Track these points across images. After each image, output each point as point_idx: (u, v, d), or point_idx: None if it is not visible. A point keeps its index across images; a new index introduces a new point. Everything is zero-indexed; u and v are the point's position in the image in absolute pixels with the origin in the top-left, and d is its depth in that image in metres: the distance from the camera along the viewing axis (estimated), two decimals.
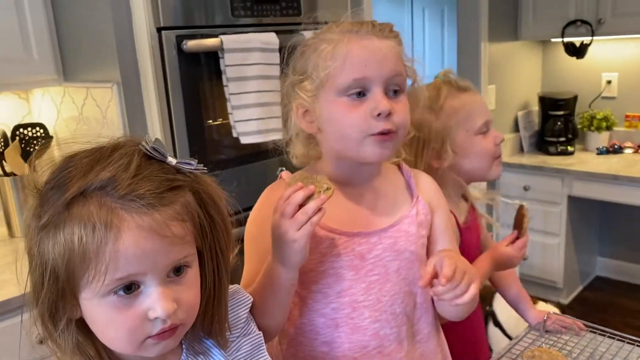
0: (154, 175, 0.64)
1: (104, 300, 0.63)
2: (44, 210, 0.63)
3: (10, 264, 1.72)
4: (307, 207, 0.82)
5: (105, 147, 0.66)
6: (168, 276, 0.66)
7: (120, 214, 0.62)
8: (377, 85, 0.91)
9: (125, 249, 0.61)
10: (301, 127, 0.99)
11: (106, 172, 0.62)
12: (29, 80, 1.89)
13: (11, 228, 1.95)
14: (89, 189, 0.62)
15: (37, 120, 2.04)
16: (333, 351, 0.97)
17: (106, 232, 0.61)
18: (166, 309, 0.64)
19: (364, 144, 0.92)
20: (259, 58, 1.86)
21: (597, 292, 3.44)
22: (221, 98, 1.86)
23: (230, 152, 1.97)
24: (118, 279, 0.62)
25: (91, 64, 1.84)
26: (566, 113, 3.29)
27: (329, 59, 0.92)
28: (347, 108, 0.92)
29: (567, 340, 1.25)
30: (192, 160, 0.69)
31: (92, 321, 0.66)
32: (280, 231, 0.83)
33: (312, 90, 0.95)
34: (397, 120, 0.92)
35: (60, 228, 0.62)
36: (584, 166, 3.03)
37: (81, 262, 0.61)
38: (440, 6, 4.68)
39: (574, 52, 3.15)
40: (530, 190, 3.19)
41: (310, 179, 0.87)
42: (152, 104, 1.75)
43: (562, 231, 3.14)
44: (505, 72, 3.28)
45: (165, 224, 0.63)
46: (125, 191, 0.62)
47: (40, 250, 0.64)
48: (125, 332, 0.64)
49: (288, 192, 0.84)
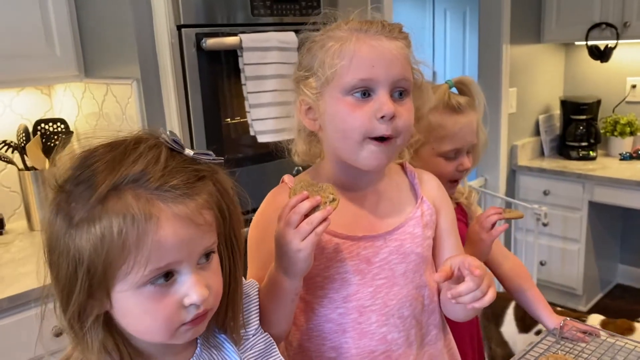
0: (181, 166, 0.66)
1: (139, 291, 0.64)
2: (73, 206, 0.64)
3: (29, 256, 1.75)
4: (313, 217, 0.81)
5: (128, 141, 0.67)
6: (198, 263, 0.67)
7: (158, 204, 0.63)
8: (383, 87, 0.90)
9: (165, 238, 0.63)
10: (304, 123, 0.97)
11: (137, 165, 0.64)
12: (51, 75, 1.91)
13: (31, 221, 1.98)
14: (121, 183, 0.63)
15: (59, 116, 2.07)
16: (341, 356, 0.97)
17: (146, 223, 0.62)
18: (202, 294, 0.66)
19: (362, 148, 0.91)
20: (277, 57, 1.86)
21: (617, 300, 3.37)
22: (239, 96, 1.87)
23: (247, 151, 1.98)
24: (157, 268, 0.63)
25: (112, 60, 1.86)
26: (589, 117, 3.23)
27: (336, 57, 0.90)
28: (351, 107, 0.90)
29: (584, 347, 1.23)
30: (209, 151, 0.70)
31: (126, 313, 0.66)
32: (285, 240, 0.82)
33: (317, 87, 0.93)
34: (399, 125, 0.90)
35: (94, 222, 0.62)
36: (606, 172, 2.98)
37: (119, 255, 0.62)
38: (462, 8, 4.64)
39: (598, 56, 3.10)
40: (550, 194, 3.14)
41: (315, 187, 0.86)
42: (171, 101, 1.76)
43: (583, 237, 3.09)
44: (526, 75, 3.24)
45: (198, 212, 0.66)
46: (158, 183, 0.63)
47: (71, 247, 0.63)
48: (162, 321, 0.66)
49: (293, 200, 0.83)
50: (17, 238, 1.91)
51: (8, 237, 1.92)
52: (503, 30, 2.99)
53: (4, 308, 1.46)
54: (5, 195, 2.03)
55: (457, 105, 1.23)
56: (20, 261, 1.70)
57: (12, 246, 1.84)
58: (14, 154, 1.94)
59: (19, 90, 2.05)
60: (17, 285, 1.52)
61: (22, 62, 1.80)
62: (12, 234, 1.95)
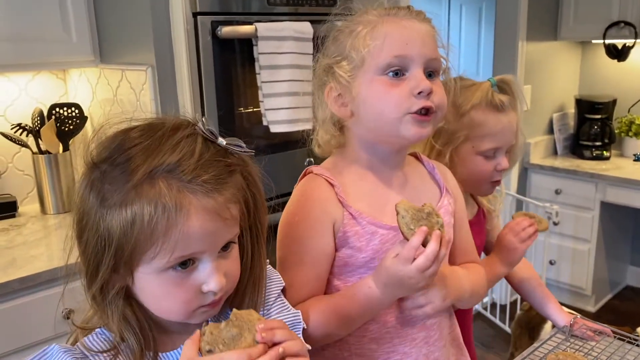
0: (214, 159, 0.68)
1: (161, 275, 0.67)
2: (107, 187, 0.66)
3: (41, 239, 1.76)
4: (441, 257, 0.83)
5: (165, 127, 0.68)
6: (218, 252, 0.70)
7: (189, 196, 0.65)
8: (417, 64, 0.90)
9: (193, 230, 0.65)
10: (333, 111, 0.97)
11: (173, 156, 0.65)
12: (67, 60, 1.92)
13: (44, 205, 1.99)
14: (156, 171, 0.65)
15: (73, 101, 2.08)
16: (382, 347, 0.98)
17: (176, 213, 0.64)
18: (220, 282, 0.69)
19: (403, 122, 0.91)
20: (292, 47, 1.86)
21: (626, 302, 3.35)
22: (253, 86, 1.87)
23: (259, 141, 1.97)
24: (181, 256, 0.66)
25: (127, 46, 1.87)
26: (604, 117, 3.20)
27: (368, 39, 0.91)
28: (387, 87, 0.91)
29: (594, 346, 1.22)
30: (241, 142, 0.72)
31: (147, 293, 0.69)
32: (413, 282, 0.84)
33: (350, 70, 0.93)
34: (436, 100, 0.91)
35: (126, 206, 0.64)
36: (619, 172, 2.95)
37: (147, 240, 0.64)
38: (479, 3, 4.60)
39: (615, 55, 3.07)
40: (562, 194, 3.12)
41: (421, 212, 0.86)
42: (185, 89, 1.76)
43: (594, 237, 3.07)
44: (541, 72, 3.21)
45: (225, 207, 0.68)
46: (191, 175, 0.65)
47: (102, 224, 0.66)
48: (180, 304, 0.69)
49: (417, 241, 0.82)
50: (30, 221, 1.93)
51: (21, 220, 1.94)
52: (519, 26, 2.97)
53: (16, 289, 1.47)
54: (18, 179, 2.05)
55: (500, 103, 1.21)
56: (32, 244, 1.72)
57: (25, 229, 1.85)
58: (28, 138, 1.96)
59: (34, 74, 2.06)
60: (29, 267, 1.53)
61: (38, 46, 1.81)
62: (25, 217, 1.97)
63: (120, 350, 0.70)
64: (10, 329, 1.48)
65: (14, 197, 1.98)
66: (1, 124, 1.99)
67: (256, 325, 0.66)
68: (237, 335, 0.65)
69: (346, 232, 0.93)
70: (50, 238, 1.81)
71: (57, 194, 1.97)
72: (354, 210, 0.94)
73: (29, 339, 1.50)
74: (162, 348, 0.74)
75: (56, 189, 1.97)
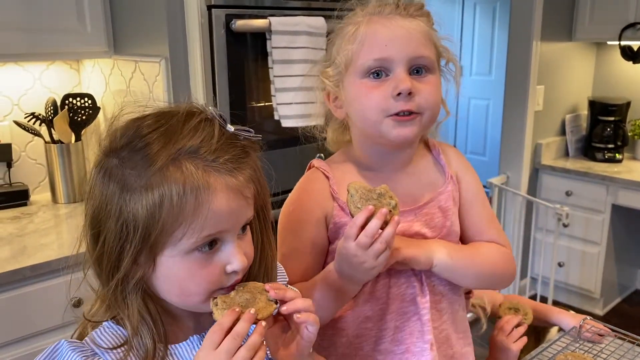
0: (230, 141, 0.70)
1: (187, 257, 0.67)
2: (129, 173, 0.66)
3: (52, 227, 1.78)
4: (385, 236, 0.81)
5: (180, 113, 0.69)
6: (238, 233, 0.71)
7: (214, 175, 0.66)
8: (399, 65, 0.89)
9: (220, 208, 0.66)
10: (332, 111, 0.99)
11: (194, 139, 0.67)
12: (81, 50, 1.93)
13: (55, 194, 2.00)
14: (180, 154, 0.66)
15: (86, 91, 2.09)
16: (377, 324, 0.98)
17: (204, 192, 0.65)
18: (243, 261, 0.70)
19: (384, 124, 0.90)
20: (305, 42, 1.85)
21: (636, 307, 3.33)
22: (266, 80, 1.87)
23: (270, 135, 1.98)
24: (207, 235, 0.67)
25: (141, 38, 1.87)
26: (617, 119, 3.18)
27: (350, 42, 0.91)
28: (368, 89, 0.90)
29: (603, 348, 1.21)
30: (249, 128, 0.73)
31: (169, 277, 0.69)
32: (357, 260, 0.83)
33: (335, 75, 0.94)
34: (420, 102, 0.89)
35: (152, 189, 0.65)
36: (631, 175, 2.93)
37: (175, 221, 0.65)
38: (493, 2, 4.57)
39: (630, 56, 3.03)
40: (572, 195, 3.10)
41: (373, 192, 0.84)
42: (198, 81, 1.76)
43: (604, 240, 3.04)
44: (555, 73, 3.18)
45: (246, 186, 0.70)
46: (214, 156, 0.67)
47: (126, 210, 0.66)
48: (205, 285, 0.69)
49: (360, 219, 0.82)
50: (41, 210, 1.95)
51: (32, 209, 1.95)
52: (534, 26, 2.95)
53: (27, 276, 1.49)
54: (31, 167, 2.07)
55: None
56: (43, 232, 1.73)
57: (36, 217, 1.87)
58: (41, 127, 1.97)
59: (48, 64, 2.07)
60: (40, 254, 1.54)
61: (53, 36, 1.82)
62: (36, 206, 1.98)
63: (132, 345, 0.69)
64: (20, 316, 1.49)
65: (26, 186, 2.00)
66: (15, 113, 2.01)
67: (265, 287, 0.71)
68: (251, 298, 0.69)
69: (336, 223, 0.95)
70: (61, 227, 1.82)
71: (68, 183, 1.99)
72: (342, 202, 0.95)
73: (39, 326, 1.51)
74: (172, 340, 0.73)
75: (68, 179, 1.98)
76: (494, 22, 4.63)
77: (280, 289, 0.71)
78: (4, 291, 1.46)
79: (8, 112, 2.00)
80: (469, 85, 4.66)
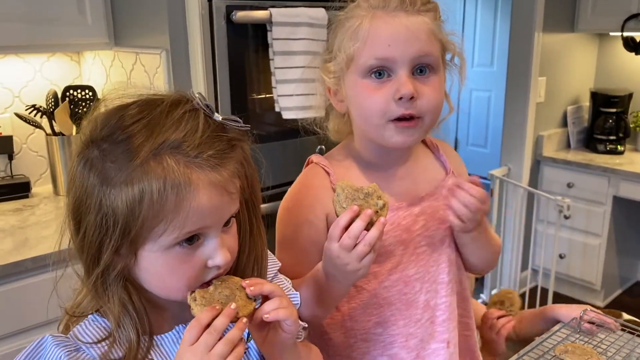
0: (216, 134, 0.67)
1: (167, 252, 0.66)
2: (109, 166, 0.64)
3: (53, 220, 1.78)
4: (370, 237, 0.78)
5: (164, 103, 0.67)
6: (222, 227, 0.69)
7: (196, 171, 0.64)
8: (401, 66, 0.86)
9: (202, 205, 0.65)
10: (333, 105, 0.97)
11: (177, 132, 0.64)
12: (81, 42, 1.93)
13: (57, 186, 2.01)
14: (162, 148, 0.64)
15: (87, 83, 2.09)
16: (387, 330, 0.97)
17: (186, 188, 0.63)
18: (225, 257, 0.68)
19: (386, 129, 0.88)
20: (306, 33, 1.85)
21: (636, 298, 3.33)
22: (266, 72, 1.86)
23: (270, 127, 1.97)
24: (188, 232, 0.65)
25: (142, 29, 1.87)
26: (619, 111, 3.16)
27: (352, 39, 0.88)
28: (370, 90, 0.88)
29: (603, 339, 1.21)
30: (237, 118, 0.71)
31: (150, 271, 0.68)
32: (341, 262, 0.80)
33: (336, 72, 0.92)
34: (422, 105, 0.87)
35: (132, 184, 0.63)
36: (633, 167, 2.92)
37: (155, 217, 0.63)
38: None
39: (633, 48, 3.02)
40: (574, 187, 3.09)
41: (360, 192, 0.82)
42: (199, 73, 1.76)
43: (605, 232, 3.04)
44: (557, 64, 3.17)
45: (230, 181, 0.68)
46: (197, 151, 0.65)
47: (105, 204, 0.64)
48: (186, 280, 0.68)
49: (344, 220, 0.79)
50: (42, 202, 1.95)
51: (34, 201, 1.96)
52: (536, 17, 2.93)
53: (29, 268, 1.49)
54: (32, 159, 2.07)
55: None
56: (45, 224, 1.73)
57: (37, 209, 1.87)
58: (42, 119, 1.97)
59: (49, 56, 2.07)
60: (41, 246, 1.55)
61: (54, 27, 1.82)
62: (38, 198, 1.99)
63: (115, 338, 0.68)
64: (22, 308, 1.50)
65: (27, 178, 2.00)
66: (16, 105, 2.01)
67: (241, 283, 0.70)
68: (231, 295, 0.68)
69: None
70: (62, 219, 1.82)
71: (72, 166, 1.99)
72: None
73: (41, 317, 1.51)
74: (157, 330, 0.72)
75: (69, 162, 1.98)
76: (496, 13, 4.61)
77: (257, 284, 0.70)
78: (5, 283, 1.47)
79: (9, 104, 2.00)
80: (471, 76, 4.63)
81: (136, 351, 0.68)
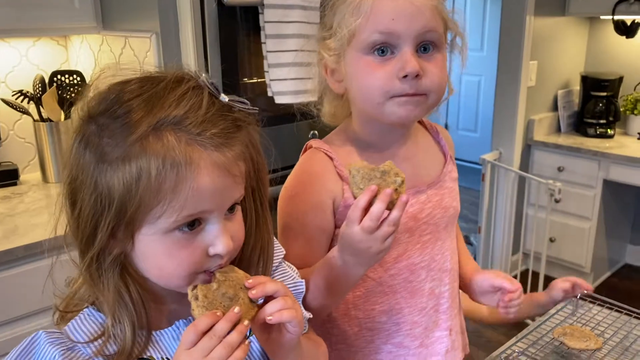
0: (221, 113, 0.64)
1: (166, 236, 0.62)
2: (106, 142, 0.61)
3: (43, 207, 1.75)
4: (393, 218, 0.75)
5: (168, 79, 0.63)
6: (225, 214, 0.66)
7: (199, 150, 0.61)
8: (406, 42, 0.83)
9: (203, 186, 0.61)
10: (330, 85, 0.93)
11: (179, 108, 0.61)
12: (69, 26, 1.89)
13: (45, 173, 1.97)
14: (162, 123, 0.60)
15: (75, 68, 2.05)
16: (392, 318, 0.96)
17: (186, 168, 0.60)
18: (227, 245, 0.65)
19: (388, 105, 0.86)
20: (299, 16, 1.82)
21: (625, 280, 3.37)
22: (258, 56, 1.84)
23: (264, 113, 1.94)
24: (189, 215, 0.62)
25: (131, 13, 1.83)
26: (609, 94, 3.17)
27: (354, 14, 0.85)
28: (372, 67, 0.85)
29: (600, 321, 1.22)
30: (245, 100, 0.67)
31: (148, 256, 0.65)
32: (363, 245, 0.77)
33: (336, 49, 0.88)
34: (427, 84, 0.85)
35: (130, 161, 0.59)
36: (623, 150, 2.94)
37: (153, 197, 0.60)
38: None
39: (623, 31, 3.02)
40: (564, 171, 3.11)
41: (376, 171, 0.78)
42: (190, 57, 1.73)
43: (595, 215, 3.07)
44: (548, 48, 3.16)
45: (235, 163, 0.64)
46: (200, 129, 0.61)
47: (101, 182, 0.61)
48: (185, 267, 0.64)
49: (362, 201, 0.75)
50: (31, 189, 1.92)
51: (22, 188, 1.92)
52: (527, 0, 2.92)
53: (20, 256, 1.47)
54: (20, 146, 2.03)
55: None
56: (34, 211, 1.71)
57: (26, 197, 1.84)
58: (29, 105, 1.93)
59: (35, 40, 2.02)
60: (32, 234, 1.52)
61: (40, 11, 1.77)
62: (27, 185, 1.95)
63: (110, 334, 0.65)
64: (14, 296, 1.47)
65: (15, 165, 1.96)
66: (2, 90, 1.96)
67: (244, 282, 0.65)
68: (234, 296, 0.64)
69: (347, 205, 0.90)
70: (52, 206, 1.78)
71: (58, 162, 1.95)
72: None
73: (33, 305, 1.49)
74: (156, 326, 0.69)
75: (58, 157, 1.95)
76: None
77: (260, 284, 0.65)
78: None
79: None
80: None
81: (132, 345, 0.65)
